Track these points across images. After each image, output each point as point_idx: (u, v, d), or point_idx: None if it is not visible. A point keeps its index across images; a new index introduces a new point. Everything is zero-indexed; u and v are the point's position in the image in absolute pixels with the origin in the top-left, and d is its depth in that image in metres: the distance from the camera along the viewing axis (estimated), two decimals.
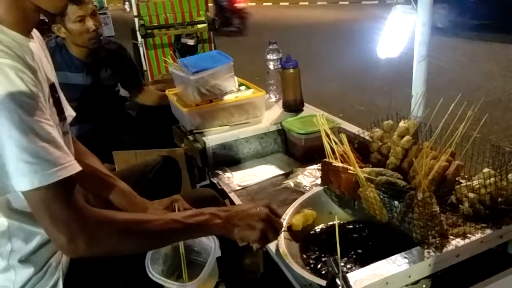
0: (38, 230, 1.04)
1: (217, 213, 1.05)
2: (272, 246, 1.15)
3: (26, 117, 0.86)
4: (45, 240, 1.07)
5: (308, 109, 2.04)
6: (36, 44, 1.08)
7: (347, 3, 14.24)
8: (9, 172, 0.86)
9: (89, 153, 1.43)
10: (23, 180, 0.86)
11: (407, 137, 1.31)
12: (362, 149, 1.40)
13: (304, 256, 1.14)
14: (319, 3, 15.03)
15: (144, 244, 1.04)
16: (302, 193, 1.44)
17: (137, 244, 1.01)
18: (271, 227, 1.05)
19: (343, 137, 1.27)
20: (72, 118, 1.33)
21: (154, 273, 1.10)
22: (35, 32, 1.11)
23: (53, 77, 1.14)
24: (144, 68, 4.21)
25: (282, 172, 1.70)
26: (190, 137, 1.90)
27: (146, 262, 1.13)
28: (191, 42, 3.94)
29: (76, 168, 0.94)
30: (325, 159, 1.33)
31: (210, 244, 1.17)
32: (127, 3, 16.22)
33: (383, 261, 0.98)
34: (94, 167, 1.37)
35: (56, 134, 0.93)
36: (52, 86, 1.09)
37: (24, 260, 1.05)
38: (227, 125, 1.86)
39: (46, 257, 1.09)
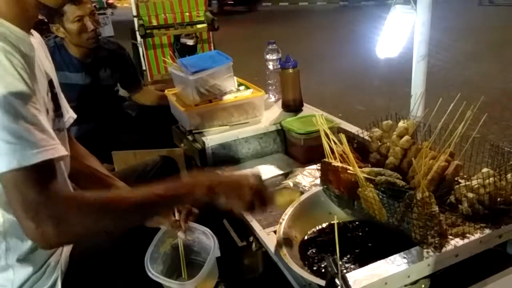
0: None
1: (199, 183, 1.03)
2: (271, 246, 1.15)
3: (11, 98, 0.84)
4: None
5: (308, 109, 2.04)
6: (37, 40, 1.09)
7: (346, 3, 14.29)
8: None
9: (88, 154, 1.43)
10: (1, 159, 0.83)
11: (406, 137, 1.31)
12: (361, 149, 1.40)
13: (303, 256, 1.14)
14: (318, 3, 15.08)
15: (122, 220, 0.97)
16: (302, 193, 1.44)
17: (114, 221, 0.95)
18: (259, 199, 1.06)
19: (343, 137, 1.27)
20: (73, 120, 1.33)
21: (154, 272, 1.10)
22: (34, 33, 1.11)
23: (53, 75, 1.14)
24: (144, 68, 4.21)
25: (281, 172, 1.70)
26: (190, 137, 1.90)
27: (146, 261, 1.13)
28: (190, 42, 3.94)
29: (60, 151, 0.91)
30: (324, 159, 1.32)
31: (209, 244, 1.17)
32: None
33: (382, 261, 0.98)
34: (94, 168, 1.37)
35: (43, 118, 0.91)
36: (50, 82, 1.09)
37: (22, 259, 1.05)
38: (226, 125, 1.86)
39: (45, 256, 1.09)
